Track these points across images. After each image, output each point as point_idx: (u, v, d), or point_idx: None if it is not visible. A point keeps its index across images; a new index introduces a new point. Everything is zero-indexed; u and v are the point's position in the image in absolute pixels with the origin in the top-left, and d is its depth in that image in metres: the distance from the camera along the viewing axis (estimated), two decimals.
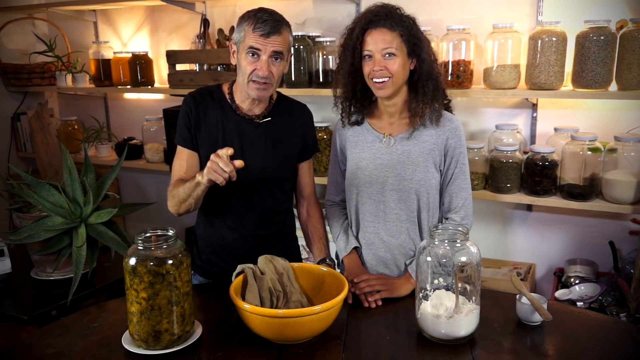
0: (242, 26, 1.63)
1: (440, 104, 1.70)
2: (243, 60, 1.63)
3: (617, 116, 2.39)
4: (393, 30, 1.60)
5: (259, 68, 1.60)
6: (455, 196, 1.72)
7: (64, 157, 1.86)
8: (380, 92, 1.65)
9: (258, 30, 1.58)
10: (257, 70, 1.60)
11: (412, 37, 1.62)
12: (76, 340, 1.41)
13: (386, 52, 1.61)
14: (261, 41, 1.59)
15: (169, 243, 1.32)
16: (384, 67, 1.61)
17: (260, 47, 1.59)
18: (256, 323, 1.34)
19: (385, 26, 1.60)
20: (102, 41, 3.51)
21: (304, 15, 2.96)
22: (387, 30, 1.60)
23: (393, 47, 1.60)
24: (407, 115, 1.71)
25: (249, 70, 1.61)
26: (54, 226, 1.80)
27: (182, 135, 1.73)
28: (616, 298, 2.24)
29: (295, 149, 1.80)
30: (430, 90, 1.66)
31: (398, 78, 1.63)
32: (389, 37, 1.60)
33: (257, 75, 1.61)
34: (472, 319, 1.37)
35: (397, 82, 1.63)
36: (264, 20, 1.59)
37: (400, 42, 1.61)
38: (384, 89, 1.64)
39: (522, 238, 2.71)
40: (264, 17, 1.60)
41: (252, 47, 1.59)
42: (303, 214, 1.90)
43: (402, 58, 1.62)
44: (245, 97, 1.72)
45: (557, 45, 2.23)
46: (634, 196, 2.22)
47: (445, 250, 1.38)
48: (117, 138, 3.61)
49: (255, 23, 1.59)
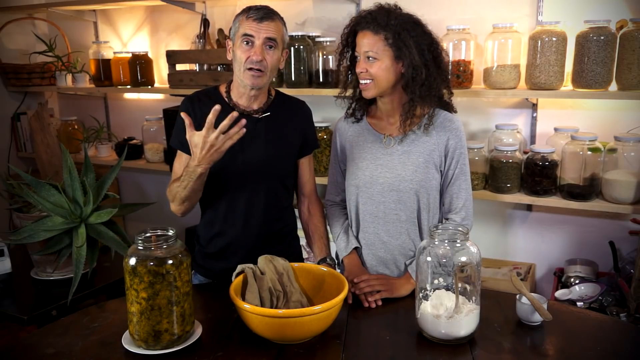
0: (236, 20, 1.66)
1: (432, 109, 1.69)
2: (238, 50, 1.65)
3: (617, 116, 2.39)
4: (376, 33, 1.59)
5: (253, 53, 1.62)
6: (456, 197, 1.72)
7: (64, 157, 1.86)
8: (364, 93, 1.67)
9: (252, 16, 1.62)
10: (252, 56, 1.62)
11: (398, 42, 1.59)
12: (76, 340, 1.41)
13: (367, 55, 1.61)
14: (254, 26, 1.61)
15: (169, 243, 1.32)
16: (364, 69, 1.61)
17: (253, 33, 1.61)
18: (256, 323, 1.34)
19: (369, 29, 1.60)
20: (102, 41, 3.51)
21: (304, 15, 2.96)
22: (371, 33, 1.60)
23: (373, 50, 1.60)
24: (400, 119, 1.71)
25: (244, 58, 1.63)
26: (54, 226, 1.80)
27: (179, 138, 1.75)
28: (616, 298, 2.24)
29: (295, 144, 1.80)
30: (418, 96, 1.63)
31: (380, 81, 1.62)
32: (371, 40, 1.60)
33: (252, 61, 1.62)
34: (472, 319, 1.37)
35: (380, 85, 1.63)
36: (257, 8, 1.64)
37: (383, 46, 1.60)
38: (366, 90, 1.65)
39: (522, 238, 2.71)
40: (257, 6, 1.64)
41: (246, 34, 1.61)
42: (304, 213, 1.90)
43: (384, 62, 1.60)
44: (242, 93, 1.72)
45: (557, 45, 2.23)
46: (634, 196, 2.22)
47: (445, 250, 1.38)
48: (117, 138, 3.61)
49: (249, 11, 1.64)
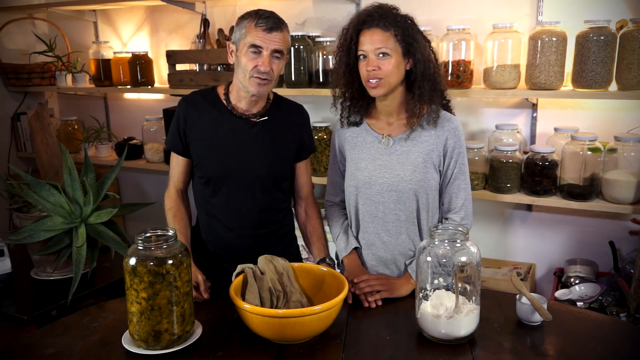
0: (242, 24, 1.64)
1: (438, 105, 1.70)
2: (243, 57, 1.63)
3: (617, 116, 2.39)
4: (387, 30, 1.60)
5: (261, 63, 1.61)
6: (455, 196, 1.72)
7: (64, 157, 1.86)
8: (374, 91, 1.65)
9: (261, 25, 1.60)
10: (259, 66, 1.61)
11: (407, 37, 1.61)
12: (76, 340, 1.41)
13: (379, 52, 1.60)
14: (263, 36, 1.60)
15: (169, 243, 1.33)
16: (377, 66, 1.61)
17: (262, 44, 1.60)
18: (256, 323, 1.34)
19: (378, 26, 1.60)
20: (102, 41, 3.51)
21: (304, 15, 2.95)
22: (381, 30, 1.60)
23: (387, 46, 1.60)
24: (406, 116, 1.71)
25: (251, 67, 1.62)
26: (54, 226, 1.80)
27: (172, 140, 1.77)
28: (616, 298, 2.24)
29: (292, 148, 1.80)
30: (427, 90, 1.65)
31: (391, 78, 1.62)
32: (382, 37, 1.60)
33: (259, 71, 1.62)
34: (472, 319, 1.37)
35: (390, 82, 1.63)
36: (266, 16, 1.62)
37: (394, 42, 1.60)
38: (377, 88, 1.64)
39: (522, 238, 2.71)
40: (265, 14, 1.63)
41: (255, 45, 1.61)
42: (301, 215, 1.90)
43: (396, 58, 1.61)
44: (242, 97, 1.72)
45: (557, 45, 2.23)
46: (634, 196, 2.21)
47: (445, 250, 1.38)
48: (117, 138, 3.60)
49: (257, 19, 1.61)
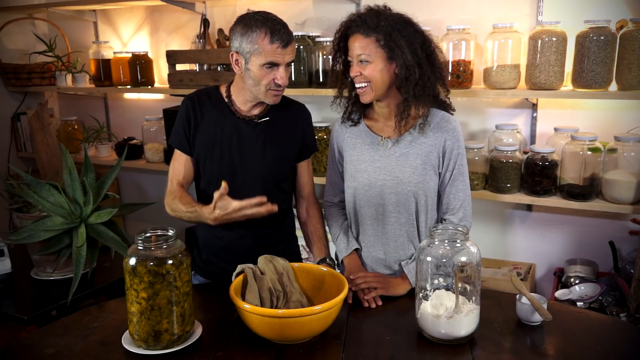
0: (251, 37, 1.58)
1: (427, 109, 1.69)
2: (258, 72, 1.61)
3: (617, 116, 2.39)
4: (367, 36, 1.59)
5: (279, 77, 1.62)
6: (454, 197, 1.72)
7: (64, 157, 1.87)
8: (361, 98, 1.67)
9: (276, 42, 1.57)
10: (278, 80, 1.62)
11: (390, 42, 1.58)
12: (76, 340, 1.41)
13: (360, 59, 1.61)
14: (280, 52, 1.58)
15: (169, 243, 1.32)
16: (359, 72, 1.61)
17: (280, 60, 1.60)
18: (256, 323, 1.34)
19: (359, 32, 1.60)
20: (102, 41, 3.51)
21: (304, 15, 2.96)
22: (362, 36, 1.60)
23: (365, 53, 1.59)
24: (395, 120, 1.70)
25: (267, 81, 1.62)
26: (54, 226, 1.80)
27: (178, 138, 1.76)
28: (616, 298, 2.24)
29: (293, 148, 1.80)
30: (412, 96, 1.62)
31: (377, 83, 1.62)
32: (362, 43, 1.60)
33: (277, 85, 1.63)
34: (472, 319, 1.37)
35: (377, 87, 1.63)
36: (278, 29, 1.58)
37: (375, 48, 1.59)
38: (364, 94, 1.65)
39: (522, 238, 2.71)
40: (276, 26, 1.58)
41: (272, 62, 1.59)
42: (302, 214, 1.90)
43: (378, 64, 1.60)
44: (247, 100, 1.72)
45: (557, 45, 2.23)
46: (634, 196, 2.21)
47: (445, 250, 1.37)
48: (117, 138, 3.61)
49: (271, 35, 1.57)
